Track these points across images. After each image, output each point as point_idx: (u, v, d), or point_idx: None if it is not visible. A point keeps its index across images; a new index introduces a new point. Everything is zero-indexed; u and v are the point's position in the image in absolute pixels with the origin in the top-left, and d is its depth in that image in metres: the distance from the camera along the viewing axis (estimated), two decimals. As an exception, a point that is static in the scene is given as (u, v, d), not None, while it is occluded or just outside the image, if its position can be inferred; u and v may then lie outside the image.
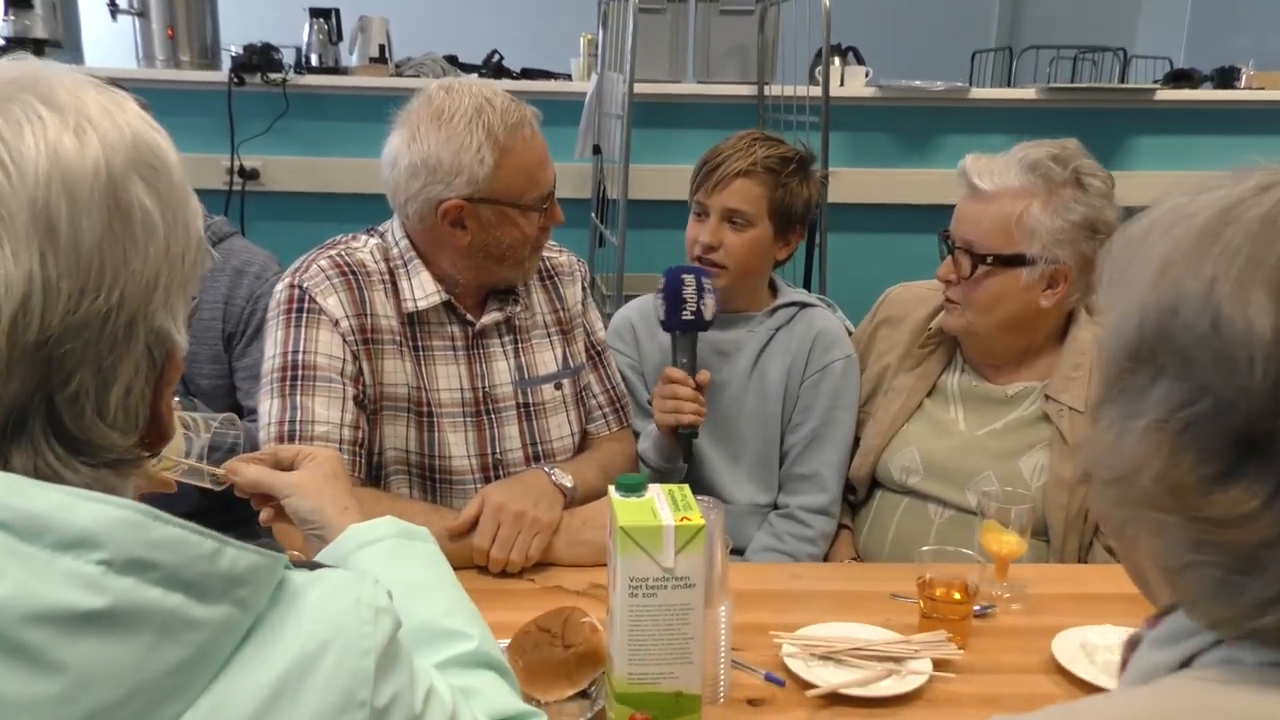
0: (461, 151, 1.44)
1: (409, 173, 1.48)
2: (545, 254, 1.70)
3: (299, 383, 1.48)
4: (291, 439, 1.45)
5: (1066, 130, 3.49)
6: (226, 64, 3.23)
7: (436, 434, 1.57)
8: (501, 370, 1.62)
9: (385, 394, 1.54)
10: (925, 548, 1.36)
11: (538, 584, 1.46)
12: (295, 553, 1.34)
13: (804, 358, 1.83)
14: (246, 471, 1.11)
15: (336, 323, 1.50)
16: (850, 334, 1.92)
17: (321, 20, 3.33)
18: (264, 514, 1.13)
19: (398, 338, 1.54)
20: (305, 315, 1.50)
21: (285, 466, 1.13)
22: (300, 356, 1.48)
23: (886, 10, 5.15)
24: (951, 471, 1.70)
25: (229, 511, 1.90)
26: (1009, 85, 4.35)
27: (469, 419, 1.59)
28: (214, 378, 1.85)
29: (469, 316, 1.59)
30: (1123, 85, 3.65)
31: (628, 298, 2.85)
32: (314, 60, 3.34)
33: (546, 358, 1.67)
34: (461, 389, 1.58)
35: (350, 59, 3.42)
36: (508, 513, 1.47)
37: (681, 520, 1.08)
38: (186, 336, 0.73)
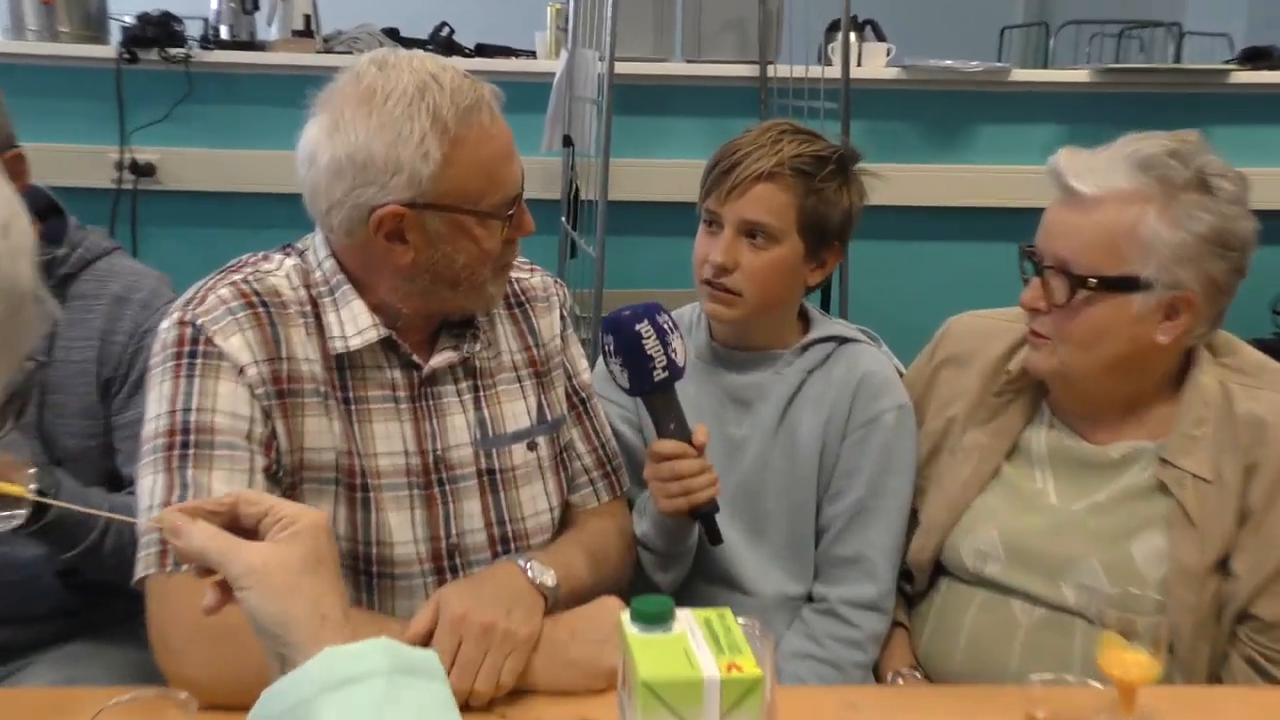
0: (399, 143, 1.31)
1: (332, 171, 1.32)
2: (513, 274, 1.56)
3: (191, 451, 1.30)
4: None
5: (1122, 119, 3.40)
6: (116, 37, 3.12)
7: (374, 514, 1.41)
8: (458, 427, 1.47)
9: (307, 462, 1.38)
10: (1036, 675, 1.16)
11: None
12: None
13: (845, 408, 1.67)
14: (193, 535, 0.92)
15: (241, 370, 1.34)
16: (902, 376, 1.76)
17: (233, -15, 3.20)
18: (207, 599, 0.96)
19: (323, 388, 1.39)
20: (200, 362, 1.33)
21: (248, 530, 0.95)
22: (193, 417, 1.31)
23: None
24: (1042, 558, 1.53)
25: (97, 610, 1.68)
26: (1045, 65, 4.27)
27: (416, 492, 1.43)
28: (85, 437, 1.63)
29: (415, 358, 1.44)
30: (1190, 66, 3.52)
31: (608, 320, 2.72)
32: (224, 33, 3.22)
33: (516, 409, 1.52)
34: (406, 453, 1.43)
35: (268, 32, 3.29)
36: (472, 625, 1.29)
37: (729, 670, 0.87)
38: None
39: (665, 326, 1.50)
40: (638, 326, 1.48)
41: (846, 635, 1.63)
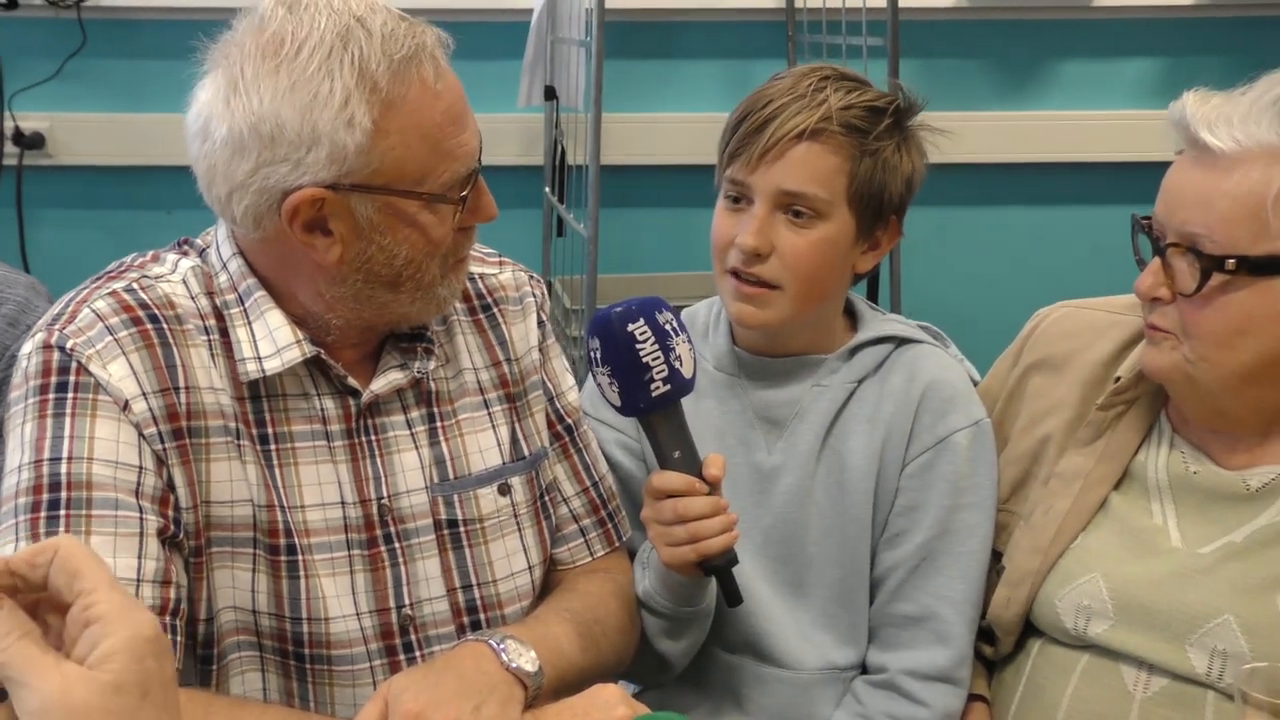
0: (316, 107, 1.27)
1: (231, 146, 1.28)
2: (474, 269, 1.55)
3: (62, 513, 1.27)
4: None
5: (1236, 50, 3.31)
6: None
7: (303, 582, 1.39)
8: (409, 468, 1.45)
9: (215, 520, 1.35)
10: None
11: None
12: None
13: (906, 427, 1.65)
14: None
15: (126, 406, 1.30)
16: (976, 386, 1.74)
17: (133, -88, 3.17)
18: None
19: (233, 425, 1.36)
20: (71, 397, 1.30)
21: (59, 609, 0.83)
22: (64, 468, 1.28)
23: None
24: (1163, 615, 1.49)
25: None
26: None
27: (357, 553, 1.41)
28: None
29: (351, 381, 1.41)
30: None
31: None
32: None
33: (484, 443, 1.50)
34: (342, 503, 1.41)
35: None
36: None
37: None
38: None
39: (667, 327, 1.46)
40: (630, 327, 1.44)
41: (911, 715, 1.61)
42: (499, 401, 1.53)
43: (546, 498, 1.56)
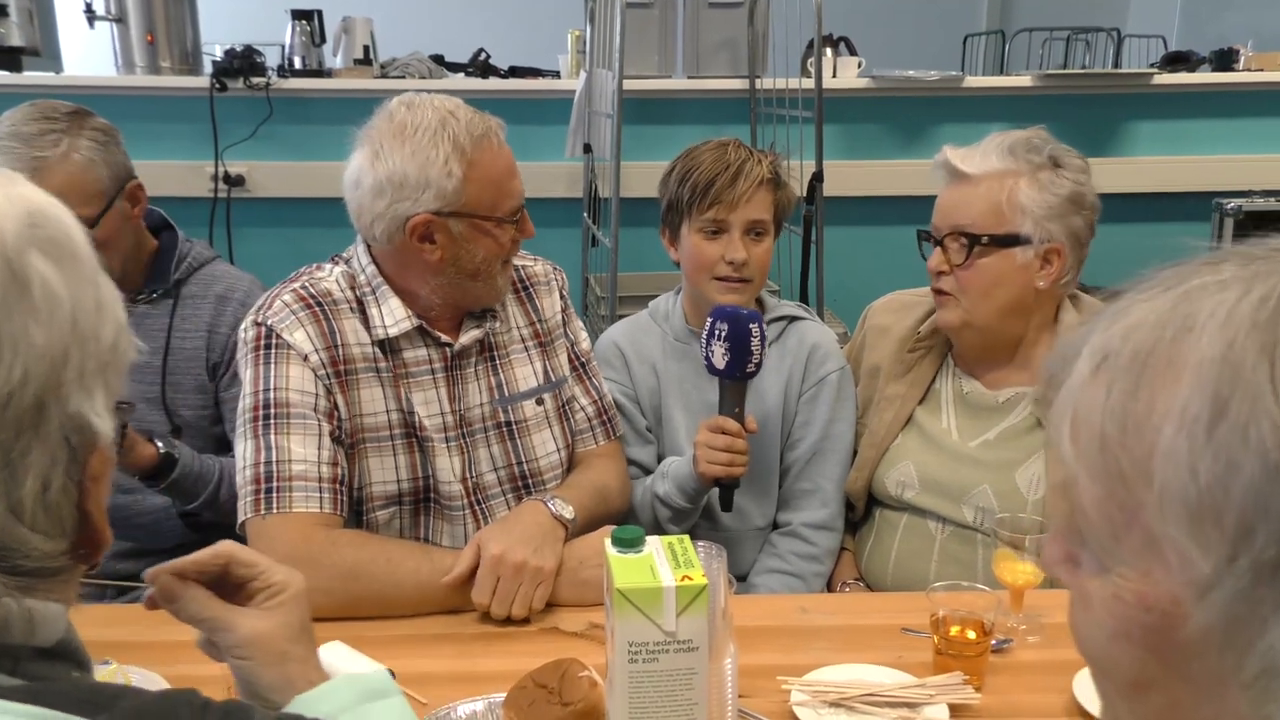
0: (428, 165, 1.41)
1: (374, 192, 1.43)
2: (518, 263, 1.66)
3: (272, 422, 1.43)
4: (269, 479, 1.41)
5: (1062, 116, 3.37)
6: (208, 69, 3.16)
7: (428, 458, 1.53)
8: (479, 390, 1.58)
9: (365, 425, 1.50)
10: (938, 583, 1.30)
11: (534, 626, 1.41)
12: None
13: (800, 372, 1.78)
14: (188, 603, 0.88)
15: (306, 357, 1.46)
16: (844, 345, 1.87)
17: (304, 22, 3.25)
18: (206, 652, 0.93)
19: (374, 365, 1.50)
20: (274, 351, 1.46)
21: (235, 586, 0.91)
22: (272, 394, 1.44)
23: (875, -3, 5.05)
24: (947, 486, 1.66)
25: (213, 542, 1.84)
26: (1002, 70, 4.26)
27: (451, 443, 1.55)
28: (198, 409, 1.80)
29: (444, 338, 1.54)
30: (1118, 70, 3.54)
31: (622, 298, 2.81)
32: (297, 63, 3.27)
33: (526, 373, 1.63)
34: (442, 413, 1.54)
35: (334, 61, 3.34)
36: (506, 565, 1.40)
37: (683, 580, 1.02)
38: (113, 422, 0.65)
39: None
40: (751, 325, 1.56)
41: (806, 551, 1.75)
42: (534, 347, 1.64)
43: (568, 407, 1.67)
